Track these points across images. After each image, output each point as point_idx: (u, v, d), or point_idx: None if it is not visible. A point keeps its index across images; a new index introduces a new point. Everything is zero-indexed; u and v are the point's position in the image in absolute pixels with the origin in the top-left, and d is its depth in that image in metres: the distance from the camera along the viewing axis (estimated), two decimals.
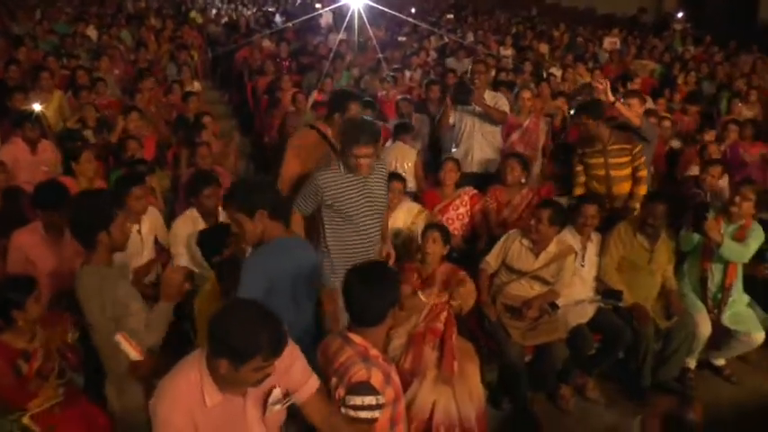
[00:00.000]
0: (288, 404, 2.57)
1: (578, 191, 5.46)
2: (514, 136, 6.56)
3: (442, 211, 5.40)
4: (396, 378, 2.81)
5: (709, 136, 7.00)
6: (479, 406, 3.91)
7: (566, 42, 13.50)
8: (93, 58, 9.54)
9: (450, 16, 17.53)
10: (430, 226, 4.38)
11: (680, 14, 17.78)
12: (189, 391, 2.40)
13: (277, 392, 2.53)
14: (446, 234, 4.28)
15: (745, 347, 4.83)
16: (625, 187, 5.40)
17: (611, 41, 13.33)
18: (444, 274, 4.16)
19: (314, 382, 2.66)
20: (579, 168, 5.50)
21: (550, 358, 4.37)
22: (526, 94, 6.81)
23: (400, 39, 12.83)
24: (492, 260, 4.66)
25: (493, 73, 9.73)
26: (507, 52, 11.67)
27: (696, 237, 4.75)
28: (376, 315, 2.77)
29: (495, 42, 12.67)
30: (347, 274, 2.81)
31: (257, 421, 2.53)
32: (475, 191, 5.52)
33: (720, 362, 5.03)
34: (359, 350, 2.72)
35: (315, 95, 8.34)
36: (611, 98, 5.65)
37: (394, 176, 5.12)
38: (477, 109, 6.01)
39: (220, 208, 4.50)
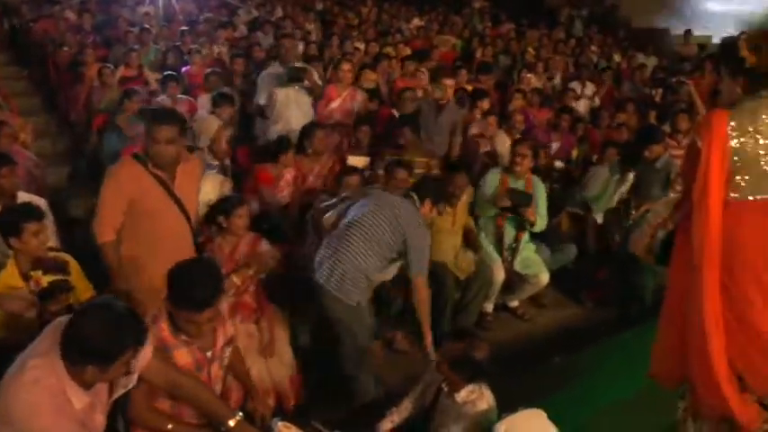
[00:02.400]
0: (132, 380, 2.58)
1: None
2: (333, 105, 6.71)
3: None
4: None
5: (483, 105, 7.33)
6: (291, 369, 4.05)
7: (373, 18, 13.88)
8: None
9: None
10: (238, 199, 4.25)
11: None
12: (55, 400, 2.28)
13: None
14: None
15: (534, 288, 5.42)
16: None
17: (417, 23, 13.92)
18: (248, 245, 4.12)
19: (149, 349, 2.63)
20: None
21: None
22: (346, 66, 6.94)
23: (207, 14, 12.55)
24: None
25: (301, 47, 9.91)
26: (312, 27, 11.82)
27: (492, 190, 5.26)
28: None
29: (302, 17, 12.78)
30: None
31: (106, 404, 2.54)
32: (293, 168, 5.56)
33: (515, 303, 5.59)
34: None
35: (122, 70, 8.03)
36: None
37: (193, 148, 5.11)
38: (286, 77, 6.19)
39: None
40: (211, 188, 4.96)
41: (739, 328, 2.82)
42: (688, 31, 14.03)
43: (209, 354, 2.88)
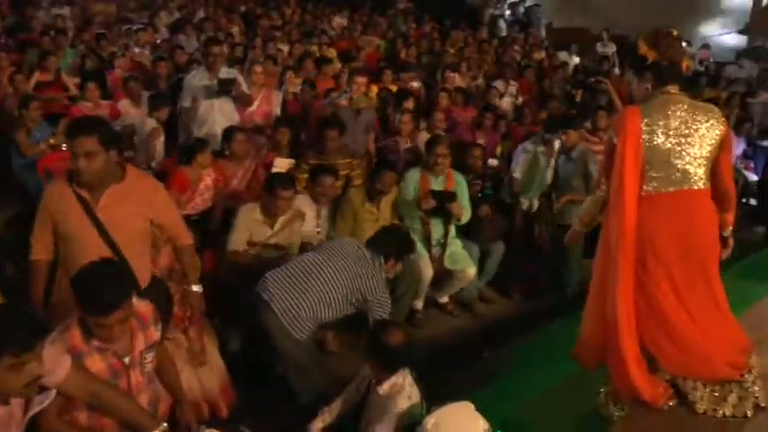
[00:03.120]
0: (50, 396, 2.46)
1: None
2: (252, 108, 6.70)
3: (190, 198, 5.26)
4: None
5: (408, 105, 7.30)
6: (222, 377, 3.99)
7: (296, 20, 13.82)
8: None
9: None
10: None
11: None
12: None
13: None
14: None
15: (462, 283, 5.49)
16: None
17: (339, 22, 13.91)
18: (169, 254, 3.97)
19: (66, 360, 2.53)
20: None
21: None
22: (259, 69, 6.99)
23: (128, 14, 12.26)
24: (238, 241, 4.72)
25: (225, 49, 9.79)
26: (235, 28, 11.69)
27: (413, 187, 5.32)
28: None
29: (225, 18, 12.63)
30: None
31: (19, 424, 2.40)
32: (213, 171, 5.46)
33: (444, 299, 5.65)
34: None
35: (37, 75, 7.74)
36: None
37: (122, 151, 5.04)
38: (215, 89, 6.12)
39: None
40: None
41: (651, 315, 2.97)
42: (607, 31, 14.49)
43: (126, 360, 2.77)
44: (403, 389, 3.20)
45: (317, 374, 4.15)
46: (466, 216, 5.39)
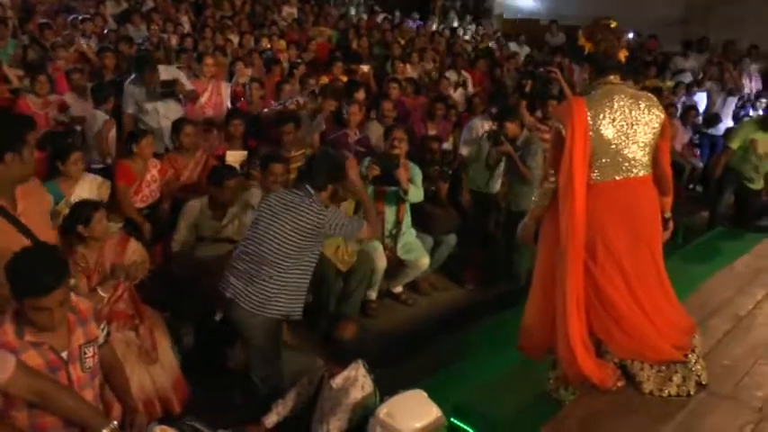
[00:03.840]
0: None
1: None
2: (202, 100, 6.67)
3: (137, 191, 5.21)
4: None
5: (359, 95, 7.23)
6: (174, 373, 3.96)
7: (246, 10, 13.66)
8: None
9: None
10: (94, 204, 3.95)
11: None
12: None
13: None
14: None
15: (415, 272, 5.53)
16: None
17: (288, 11, 13.79)
18: (114, 249, 3.90)
19: (11, 360, 2.47)
20: None
21: None
22: (209, 60, 6.94)
23: (73, 4, 11.94)
24: (180, 239, 4.70)
25: (174, 41, 9.65)
26: (185, 18, 11.51)
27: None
28: None
29: (174, 8, 12.41)
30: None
31: None
32: (159, 162, 5.43)
33: (398, 289, 5.69)
34: None
35: None
36: None
37: (75, 148, 4.93)
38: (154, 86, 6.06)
39: None
40: (89, 191, 4.75)
41: (600, 303, 3.04)
42: (556, 21, 14.67)
43: (64, 354, 2.70)
44: (356, 381, 3.21)
45: (280, 365, 4.04)
46: (417, 195, 5.35)
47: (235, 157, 5.63)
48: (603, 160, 3.00)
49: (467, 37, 13.62)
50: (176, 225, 4.75)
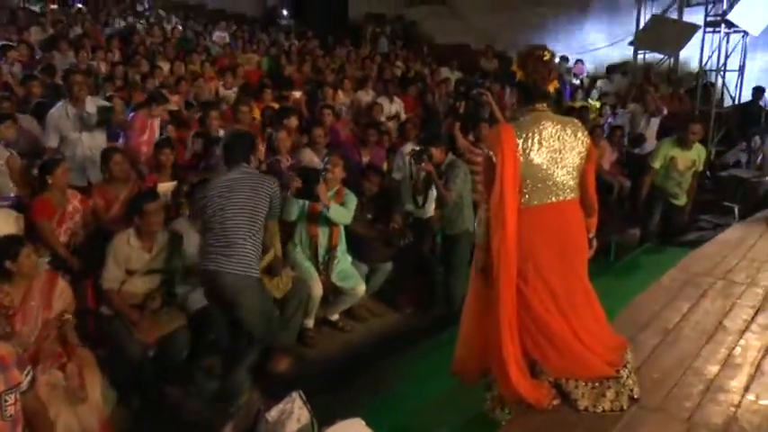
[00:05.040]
0: None
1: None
2: (144, 137, 6.57)
3: (60, 223, 4.99)
4: None
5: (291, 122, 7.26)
6: (102, 414, 3.83)
7: (177, 36, 13.52)
8: None
9: (55, 6, 16.23)
10: (19, 239, 3.90)
11: (284, 11, 19.08)
12: None
13: None
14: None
15: (352, 300, 5.50)
16: None
17: (219, 36, 13.71)
18: (42, 286, 3.82)
19: None
20: None
21: (175, 347, 4.43)
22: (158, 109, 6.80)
23: None
24: (110, 276, 4.51)
25: (104, 68, 9.46)
26: (113, 45, 11.29)
27: (300, 204, 5.25)
28: None
29: (104, 35, 12.19)
30: None
31: None
32: (80, 194, 5.26)
33: (335, 317, 5.64)
34: None
35: None
36: None
37: None
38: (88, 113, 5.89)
39: None
40: (4, 224, 4.58)
41: (534, 325, 3.09)
42: (489, 47, 14.99)
43: None
44: (292, 413, 3.16)
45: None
46: (343, 218, 5.30)
47: (165, 188, 5.50)
48: (533, 185, 3.07)
49: (398, 63, 13.75)
50: (105, 262, 4.55)
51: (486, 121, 7.22)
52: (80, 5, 16.27)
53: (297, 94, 9.03)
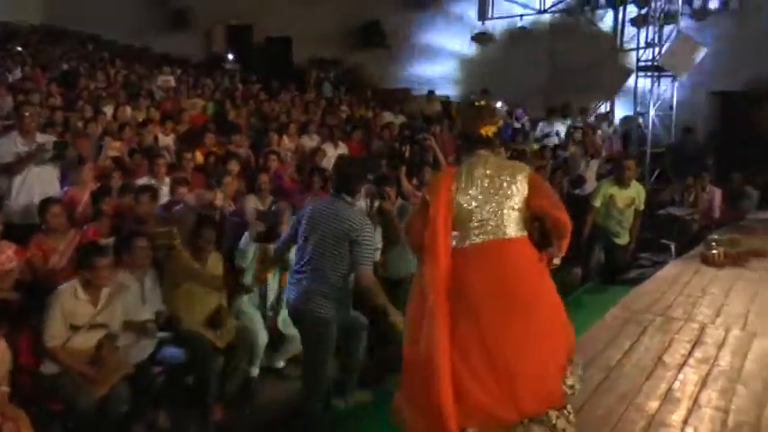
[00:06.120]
0: None
1: None
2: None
3: None
4: None
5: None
6: None
7: (121, 80, 13.40)
8: None
9: None
10: None
11: (230, 56, 19.12)
12: None
13: None
14: None
15: (298, 346, 5.39)
16: None
17: (164, 80, 13.63)
18: None
19: None
20: None
21: (115, 401, 4.28)
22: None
23: None
24: (55, 332, 4.30)
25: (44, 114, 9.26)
26: (55, 89, 11.11)
27: (252, 250, 5.21)
28: None
29: (45, 78, 12.00)
30: None
31: None
32: (14, 245, 4.96)
33: (280, 364, 5.55)
34: None
35: None
36: None
37: None
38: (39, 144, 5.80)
39: None
40: None
41: (463, 363, 3.08)
42: (431, 92, 15.29)
43: None
44: None
45: None
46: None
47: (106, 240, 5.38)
48: (469, 225, 3.18)
49: (343, 107, 13.88)
50: (46, 317, 4.32)
51: (429, 165, 7.35)
52: (19, 48, 15.97)
53: (241, 138, 8.98)
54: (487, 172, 3.22)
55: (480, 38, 16.56)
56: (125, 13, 19.51)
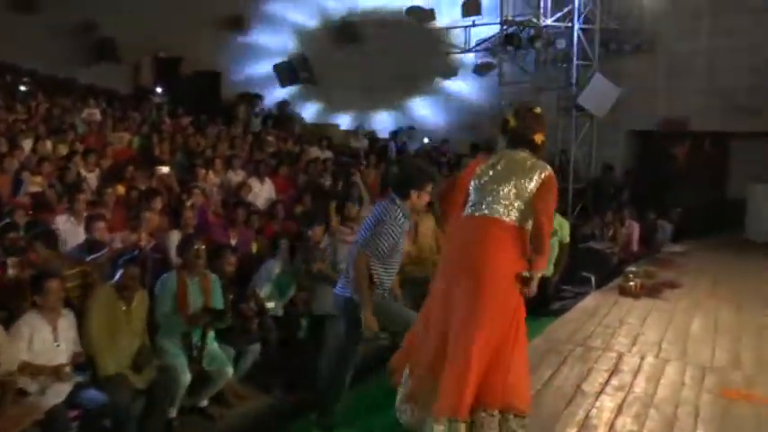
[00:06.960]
0: None
1: None
2: None
3: None
4: None
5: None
6: None
7: (42, 113, 12.98)
8: None
9: None
10: None
11: (158, 89, 18.81)
12: None
13: None
14: None
15: (220, 382, 5.30)
16: None
17: (90, 113, 13.29)
18: None
19: None
20: None
21: None
22: None
23: None
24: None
25: None
26: None
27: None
28: None
29: None
30: None
31: None
32: None
33: (203, 403, 5.40)
34: None
35: None
36: None
37: None
38: None
39: None
40: None
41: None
42: (359, 127, 15.44)
43: None
44: None
45: None
46: (216, 303, 5.32)
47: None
48: (472, 200, 3.59)
49: (270, 138, 13.83)
50: None
51: (352, 200, 7.34)
52: None
53: (163, 169, 8.82)
54: (509, 163, 3.55)
55: None
56: (47, 41, 18.85)
